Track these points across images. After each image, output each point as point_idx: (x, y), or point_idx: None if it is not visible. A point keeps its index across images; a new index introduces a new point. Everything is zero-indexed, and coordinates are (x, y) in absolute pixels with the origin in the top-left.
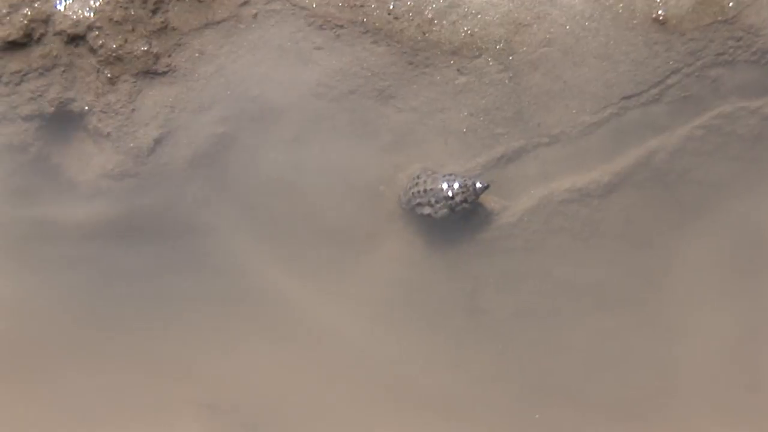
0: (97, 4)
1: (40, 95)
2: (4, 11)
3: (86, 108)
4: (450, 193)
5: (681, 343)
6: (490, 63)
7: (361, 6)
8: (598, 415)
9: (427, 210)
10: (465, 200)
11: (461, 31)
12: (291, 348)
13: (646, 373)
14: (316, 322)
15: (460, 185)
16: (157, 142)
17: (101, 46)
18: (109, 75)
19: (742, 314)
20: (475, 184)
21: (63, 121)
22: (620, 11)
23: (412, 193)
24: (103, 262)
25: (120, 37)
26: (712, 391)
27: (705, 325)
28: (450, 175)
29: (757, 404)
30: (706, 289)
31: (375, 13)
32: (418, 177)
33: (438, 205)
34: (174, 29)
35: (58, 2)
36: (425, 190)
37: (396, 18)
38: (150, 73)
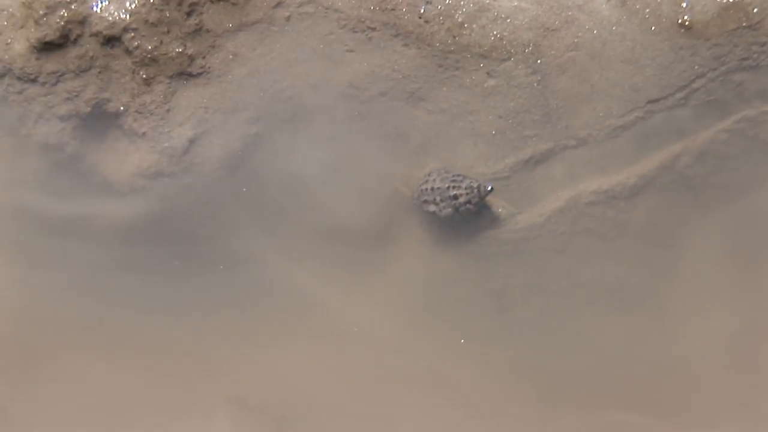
0: (133, 6)
1: (76, 95)
2: (41, 12)
3: (122, 108)
4: (455, 193)
5: (702, 341)
6: (519, 66)
7: (393, 9)
8: (620, 412)
9: (432, 208)
10: (469, 201)
11: (491, 34)
12: (320, 345)
13: (667, 371)
14: (346, 320)
15: (465, 186)
16: (192, 142)
17: (137, 48)
18: (144, 76)
19: (759, 311)
20: (480, 187)
21: (99, 121)
22: (647, 16)
23: (421, 189)
24: (137, 260)
25: (155, 38)
26: (728, 390)
27: (724, 324)
28: (458, 175)
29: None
30: (725, 289)
31: (406, 17)
32: (428, 175)
33: (442, 204)
34: (208, 31)
35: (94, 4)
36: (432, 189)
37: (426, 21)
38: (184, 74)
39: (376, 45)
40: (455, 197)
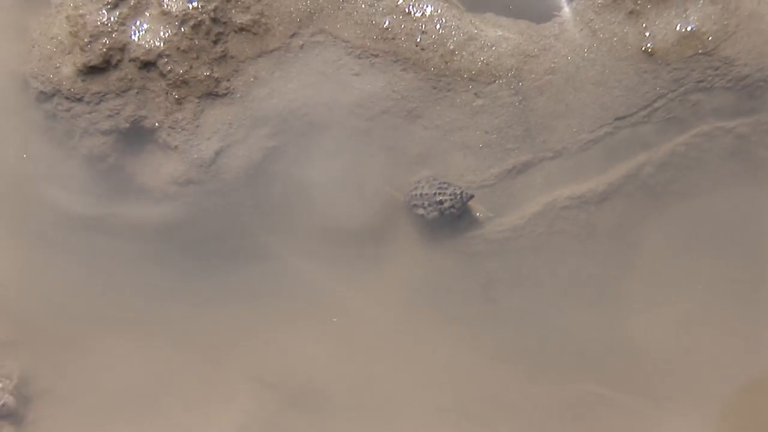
0: (167, 35)
1: (116, 113)
2: (86, 40)
3: (156, 124)
4: (440, 199)
5: (658, 327)
6: (503, 88)
7: (393, 38)
8: (589, 385)
9: (420, 211)
10: (453, 206)
11: (478, 60)
12: (327, 329)
13: (628, 352)
14: (349, 308)
15: (450, 193)
16: (218, 153)
17: (170, 72)
18: (176, 96)
19: (706, 300)
20: (463, 194)
21: (136, 136)
22: (614, 44)
23: (411, 195)
24: (168, 257)
25: (186, 63)
26: (678, 367)
27: (677, 312)
28: (444, 183)
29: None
30: (679, 281)
31: (404, 45)
32: (418, 182)
33: (429, 208)
34: (232, 57)
35: (132, 33)
36: (421, 194)
37: (423, 49)
38: (212, 94)
39: (378, 69)
40: (441, 202)
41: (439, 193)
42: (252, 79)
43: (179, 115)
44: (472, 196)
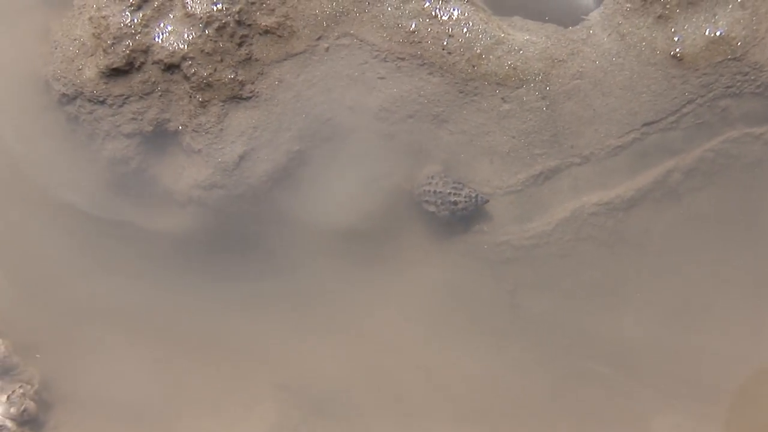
0: (191, 37)
1: (140, 116)
2: (109, 42)
3: (180, 127)
4: (455, 200)
5: (693, 332)
6: (530, 93)
7: (419, 42)
8: (619, 396)
9: (431, 208)
10: (466, 208)
11: (505, 64)
12: (350, 336)
13: (666, 360)
14: (373, 314)
15: (465, 195)
16: (242, 157)
17: (194, 74)
18: (200, 99)
19: (737, 301)
20: (478, 197)
21: (160, 139)
22: (643, 49)
23: (424, 190)
24: (193, 261)
25: (210, 66)
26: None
27: (707, 314)
28: (458, 183)
29: None
30: (711, 286)
31: (431, 48)
32: (431, 178)
33: (442, 207)
34: (257, 60)
35: (156, 35)
36: (435, 192)
37: (449, 53)
38: (236, 98)
39: (404, 73)
40: (455, 203)
41: (454, 194)
42: (277, 83)
43: (203, 119)
44: (487, 201)
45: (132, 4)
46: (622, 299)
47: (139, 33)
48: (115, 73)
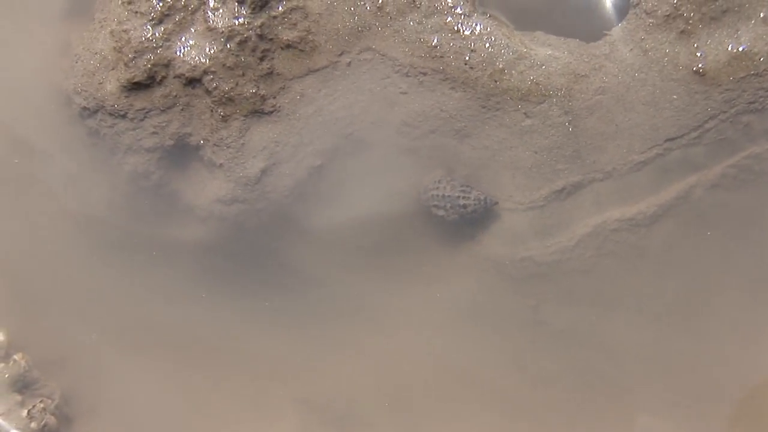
0: (212, 51)
1: (161, 130)
2: (131, 56)
3: (201, 142)
4: (464, 203)
5: (715, 346)
6: (553, 108)
7: (441, 57)
8: (642, 413)
9: (441, 212)
10: (475, 211)
11: (528, 80)
12: (375, 352)
13: (685, 374)
14: (398, 330)
15: (474, 198)
16: (263, 172)
17: (215, 89)
18: (222, 113)
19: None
20: (487, 199)
21: (181, 153)
22: (665, 64)
23: (432, 194)
24: (214, 277)
25: (232, 80)
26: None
27: (731, 329)
28: (466, 186)
29: None
30: (732, 302)
31: (453, 63)
32: (438, 182)
33: (451, 210)
34: (279, 74)
35: (178, 49)
36: (443, 196)
37: (471, 68)
38: (257, 112)
39: (426, 88)
40: (464, 206)
41: (463, 197)
42: (298, 97)
43: (224, 133)
44: (496, 203)
45: (153, 18)
46: (645, 316)
47: (161, 47)
48: (136, 87)
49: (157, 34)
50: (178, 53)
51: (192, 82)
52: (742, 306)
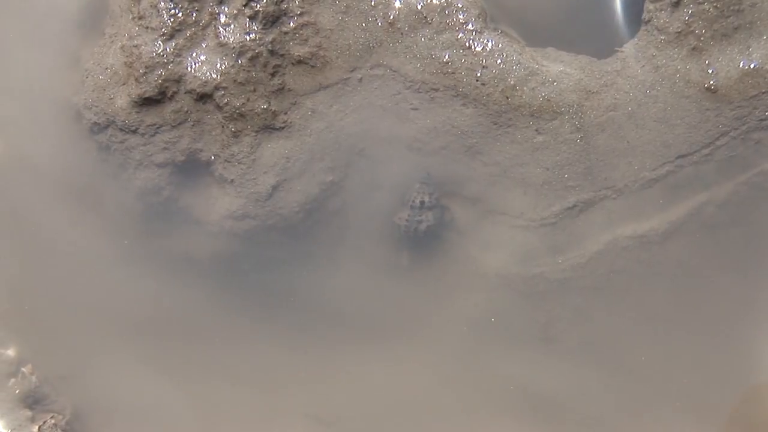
0: (223, 67)
1: (172, 145)
2: (141, 71)
3: (212, 157)
4: (418, 201)
5: (728, 365)
6: (564, 125)
7: (453, 73)
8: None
9: (423, 226)
10: (423, 200)
11: (539, 96)
12: (385, 369)
13: (700, 390)
14: (409, 346)
15: (416, 190)
16: (275, 188)
17: (226, 104)
18: (233, 129)
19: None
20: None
21: (192, 169)
22: (677, 81)
23: (409, 214)
24: (225, 293)
25: (243, 96)
26: None
27: (742, 345)
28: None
29: None
30: (743, 318)
31: (464, 80)
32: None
33: (423, 216)
34: (290, 90)
35: (188, 65)
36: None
37: (483, 84)
38: (269, 128)
39: (438, 104)
40: (419, 222)
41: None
42: (310, 113)
43: (236, 149)
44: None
45: (164, 34)
46: (657, 333)
47: (172, 62)
48: (147, 102)
49: (168, 50)
50: (189, 68)
51: (203, 97)
52: (758, 323)
